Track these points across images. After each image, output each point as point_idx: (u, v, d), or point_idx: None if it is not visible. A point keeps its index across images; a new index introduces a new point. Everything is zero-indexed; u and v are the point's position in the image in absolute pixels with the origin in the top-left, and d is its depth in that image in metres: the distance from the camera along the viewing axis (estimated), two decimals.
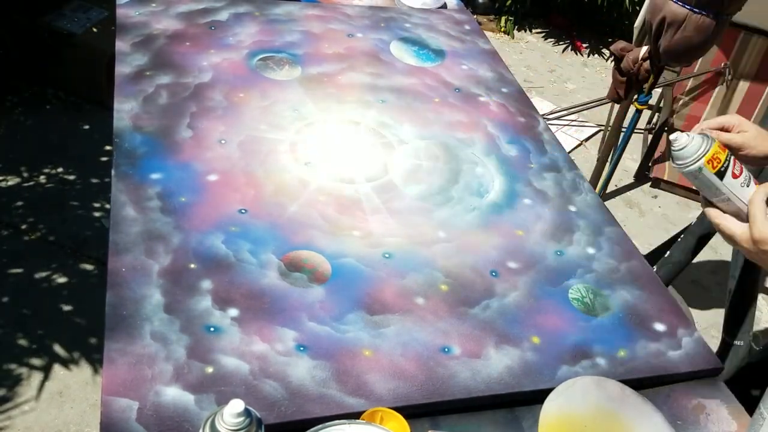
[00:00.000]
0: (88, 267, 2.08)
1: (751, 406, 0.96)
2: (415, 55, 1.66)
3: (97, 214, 2.29)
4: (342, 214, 1.20)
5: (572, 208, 1.32)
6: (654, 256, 1.98)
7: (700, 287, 2.70)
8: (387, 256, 1.13)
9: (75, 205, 2.29)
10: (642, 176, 3.22)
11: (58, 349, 1.87)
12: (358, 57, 1.61)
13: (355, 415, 0.89)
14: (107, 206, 2.32)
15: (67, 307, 1.97)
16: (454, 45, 1.74)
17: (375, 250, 1.14)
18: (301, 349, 0.97)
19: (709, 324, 2.50)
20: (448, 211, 1.25)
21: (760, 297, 2.64)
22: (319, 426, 0.84)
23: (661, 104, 3.31)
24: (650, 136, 3.28)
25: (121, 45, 1.47)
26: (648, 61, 1.88)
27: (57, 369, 1.84)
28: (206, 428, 0.70)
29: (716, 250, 2.83)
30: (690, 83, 3.21)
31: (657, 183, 3.17)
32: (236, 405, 0.69)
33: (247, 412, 0.70)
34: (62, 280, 2.05)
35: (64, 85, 2.79)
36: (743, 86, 3.13)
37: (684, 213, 3.06)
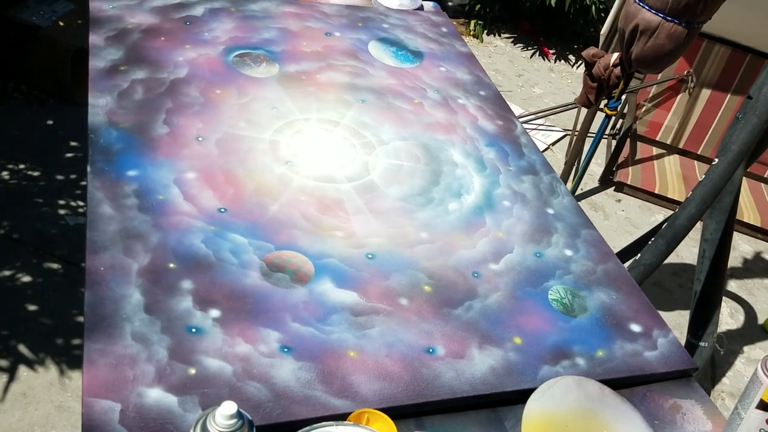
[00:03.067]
0: (53, 266, 2.03)
1: None
2: (393, 56, 1.66)
3: (61, 212, 2.23)
4: (324, 213, 1.19)
5: (550, 211, 1.34)
6: (620, 258, 2.01)
7: (662, 289, 2.76)
8: (370, 256, 1.13)
9: (39, 202, 2.23)
10: (606, 180, 3.29)
11: (22, 349, 1.82)
12: (337, 56, 1.60)
13: (341, 417, 0.89)
14: (72, 203, 2.26)
15: (31, 307, 1.92)
16: (431, 47, 1.74)
17: (358, 251, 1.13)
18: (285, 350, 0.96)
19: (671, 326, 2.56)
20: (430, 212, 1.25)
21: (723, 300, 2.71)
22: (307, 428, 0.84)
23: (625, 110, 3.39)
24: (614, 142, 3.35)
25: (94, 39, 1.44)
26: (619, 68, 1.91)
27: (21, 370, 1.79)
28: (197, 429, 0.69)
29: (677, 253, 2.91)
30: (653, 90, 3.29)
31: (620, 187, 3.24)
32: (229, 407, 0.68)
33: (239, 414, 0.69)
34: (26, 279, 1.99)
35: (27, 78, 2.71)
36: (705, 94, 3.22)
37: (646, 216, 3.14)
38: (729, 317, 2.74)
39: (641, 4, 1.65)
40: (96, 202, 1.10)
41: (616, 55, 1.91)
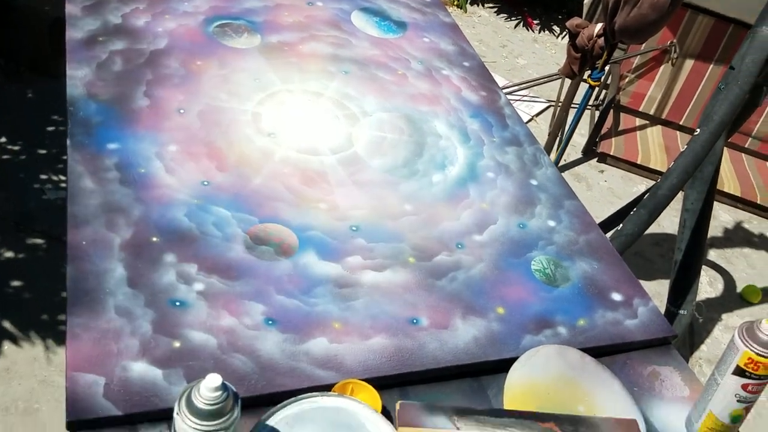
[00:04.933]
0: (37, 241, 2.01)
1: None
2: (376, 26, 1.64)
3: (43, 186, 2.20)
4: (307, 186, 1.18)
5: (533, 182, 1.34)
6: (602, 229, 2.03)
7: (643, 259, 2.79)
8: (354, 229, 1.13)
9: (20, 178, 2.20)
10: (589, 151, 3.30)
11: (6, 325, 1.81)
12: (319, 26, 1.58)
13: (326, 388, 0.90)
14: (54, 178, 2.23)
15: (15, 282, 1.90)
16: (415, 17, 1.73)
17: (342, 223, 1.13)
18: (270, 322, 0.96)
19: (652, 294, 2.58)
20: (414, 184, 1.25)
21: (702, 269, 2.75)
22: (292, 399, 0.84)
23: (608, 81, 3.38)
24: (597, 113, 3.35)
25: (71, 8, 1.41)
26: (602, 38, 1.91)
27: (4, 345, 1.78)
28: (182, 402, 0.69)
29: (659, 223, 2.93)
30: (636, 60, 3.29)
31: (603, 158, 3.25)
32: (213, 379, 0.68)
33: (224, 387, 0.70)
34: (9, 254, 1.97)
35: (3, 50, 2.65)
36: (688, 64, 3.22)
37: (628, 187, 3.16)
38: (708, 286, 2.78)
39: None
40: (76, 176, 1.09)
41: (599, 25, 1.90)
